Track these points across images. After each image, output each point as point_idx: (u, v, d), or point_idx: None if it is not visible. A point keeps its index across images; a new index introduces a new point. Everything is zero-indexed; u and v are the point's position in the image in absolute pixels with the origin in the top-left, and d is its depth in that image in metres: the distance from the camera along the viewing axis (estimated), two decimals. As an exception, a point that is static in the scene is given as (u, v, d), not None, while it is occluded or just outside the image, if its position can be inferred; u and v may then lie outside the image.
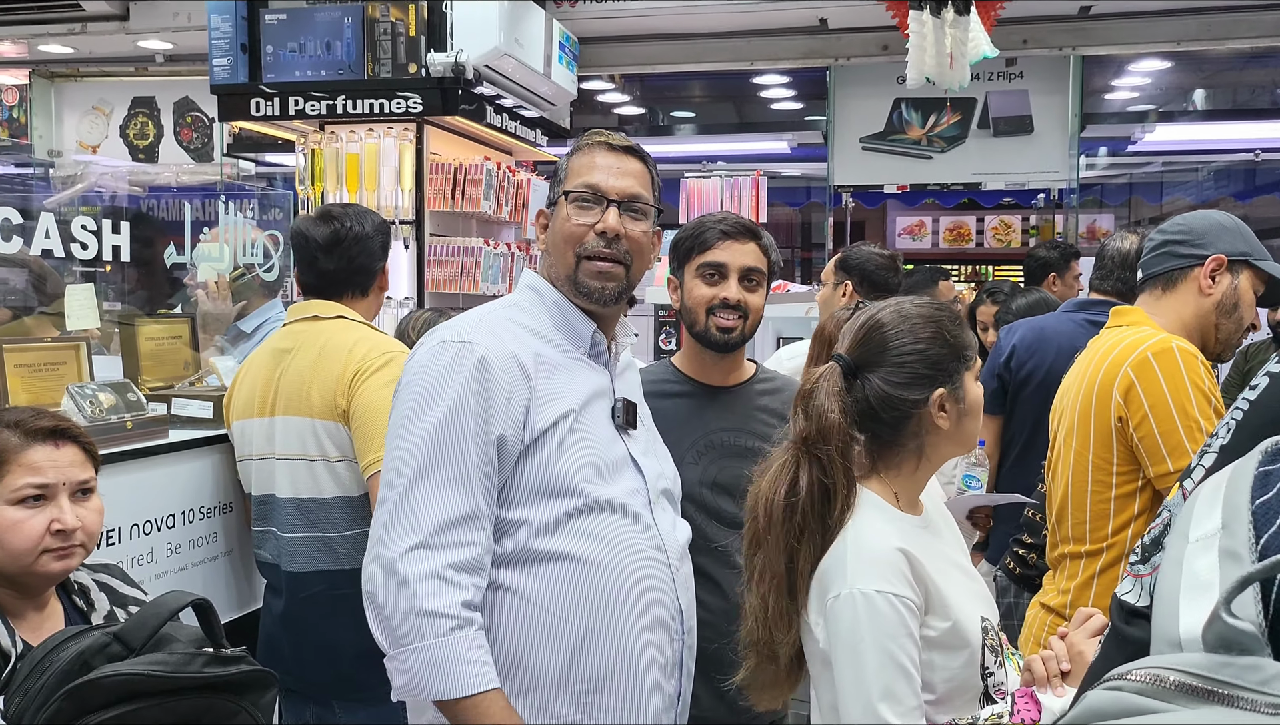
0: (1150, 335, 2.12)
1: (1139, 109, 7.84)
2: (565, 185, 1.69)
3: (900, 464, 1.52)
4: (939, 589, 1.44)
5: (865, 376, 1.49)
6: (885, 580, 1.38)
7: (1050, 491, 2.34)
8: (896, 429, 1.49)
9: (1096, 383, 2.15)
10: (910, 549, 1.42)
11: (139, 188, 4.13)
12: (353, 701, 2.36)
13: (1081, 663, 1.42)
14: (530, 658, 1.54)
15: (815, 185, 9.42)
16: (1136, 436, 2.07)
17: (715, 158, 7.42)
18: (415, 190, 4.56)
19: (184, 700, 1.56)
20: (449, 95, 4.52)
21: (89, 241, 2.36)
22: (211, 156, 7.09)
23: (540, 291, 1.70)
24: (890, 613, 1.37)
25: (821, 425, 1.44)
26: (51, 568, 1.66)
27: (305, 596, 2.35)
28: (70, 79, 7.33)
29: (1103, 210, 9.76)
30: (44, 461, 1.66)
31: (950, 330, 1.51)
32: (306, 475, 2.34)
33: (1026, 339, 3.30)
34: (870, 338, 1.50)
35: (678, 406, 2.05)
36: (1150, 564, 1.07)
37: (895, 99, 6.75)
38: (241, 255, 3.17)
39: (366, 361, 2.31)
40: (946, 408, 1.49)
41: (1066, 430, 2.24)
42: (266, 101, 4.63)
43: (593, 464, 1.59)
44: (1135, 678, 0.70)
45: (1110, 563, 2.13)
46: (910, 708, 1.36)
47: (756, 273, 2.08)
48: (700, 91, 8.65)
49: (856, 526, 1.43)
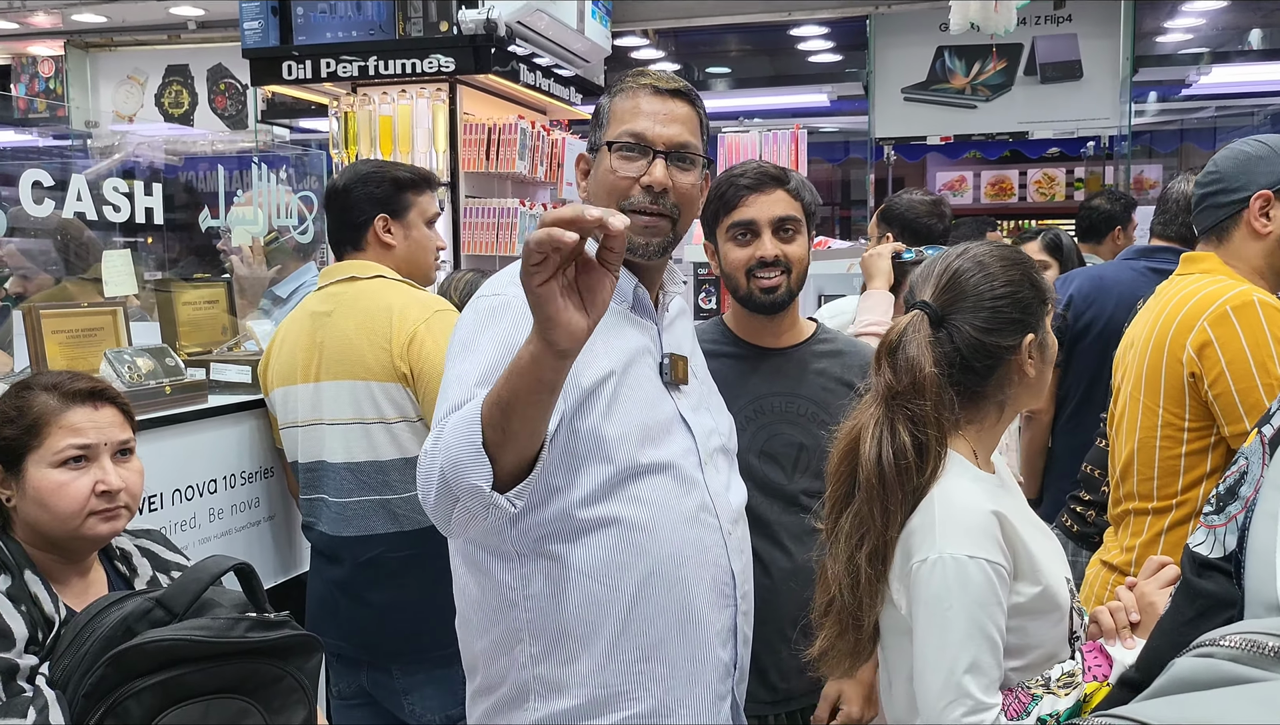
0: (1228, 286, 2.00)
1: (1192, 51, 7.57)
2: (608, 132, 1.60)
3: (983, 418, 1.45)
4: (1029, 552, 1.37)
5: (953, 324, 1.41)
6: (978, 545, 1.31)
7: (1113, 446, 2.24)
8: (985, 378, 1.42)
9: (1169, 335, 2.04)
10: (1002, 511, 1.35)
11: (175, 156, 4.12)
12: (413, 664, 2.34)
13: (1152, 613, 1.36)
14: (577, 628, 1.49)
15: (854, 140, 9.25)
16: (1212, 393, 1.96)
17: (752, 113, 7.30)
18: (449, 152, 4.51)
19: (228, 665, 1.55)
20: (481, 54, 4.45)
21: (121, 203, 2.33)
22: (246, 124, 7.09)
23: None
24: (982, 579, 1.30)
25: (916, 378, 1.37)
26: (99, 529, 1.64)
27: (365, 560, 2.33)
28: (105, 49, 7.34)
29: (1152, 159, 9.49)
30: (84, 422, 1.65)
31: (1033, 274, 1.44)
32: (362, 439, 2.31)
33: (1084, 289, 3.18)
34: (956, 283, 1.42)
35: (724, 369, 1.93)
36: (1225, 514, 1.01)
37: (938, 47, 6.58)
38: (275, 219, 3.14)
39: (419, 323, 2.26)
40: (1033, 355, 1.42)
41: (1134, 383, 2.14)
42: (298, 64, 4.59)
43: (642, 425, 1.51)
44: (1229, 643, 0.64)
45: (1179, 520, 2.04)
46: (993, 680, 1.30)
47: (791, 221, 1.94)
48: (736, 45, 8.50)
49: (944, 487, 1.36)
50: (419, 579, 2.29)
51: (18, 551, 1.60)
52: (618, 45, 6.05)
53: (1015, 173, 9.17)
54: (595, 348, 1.49)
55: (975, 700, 1.27)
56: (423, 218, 2.49)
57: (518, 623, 1.50)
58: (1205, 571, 0.99)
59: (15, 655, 1.47)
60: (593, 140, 1.64)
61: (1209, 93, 8.17)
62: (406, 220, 2.46)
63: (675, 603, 1.51)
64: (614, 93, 1.63)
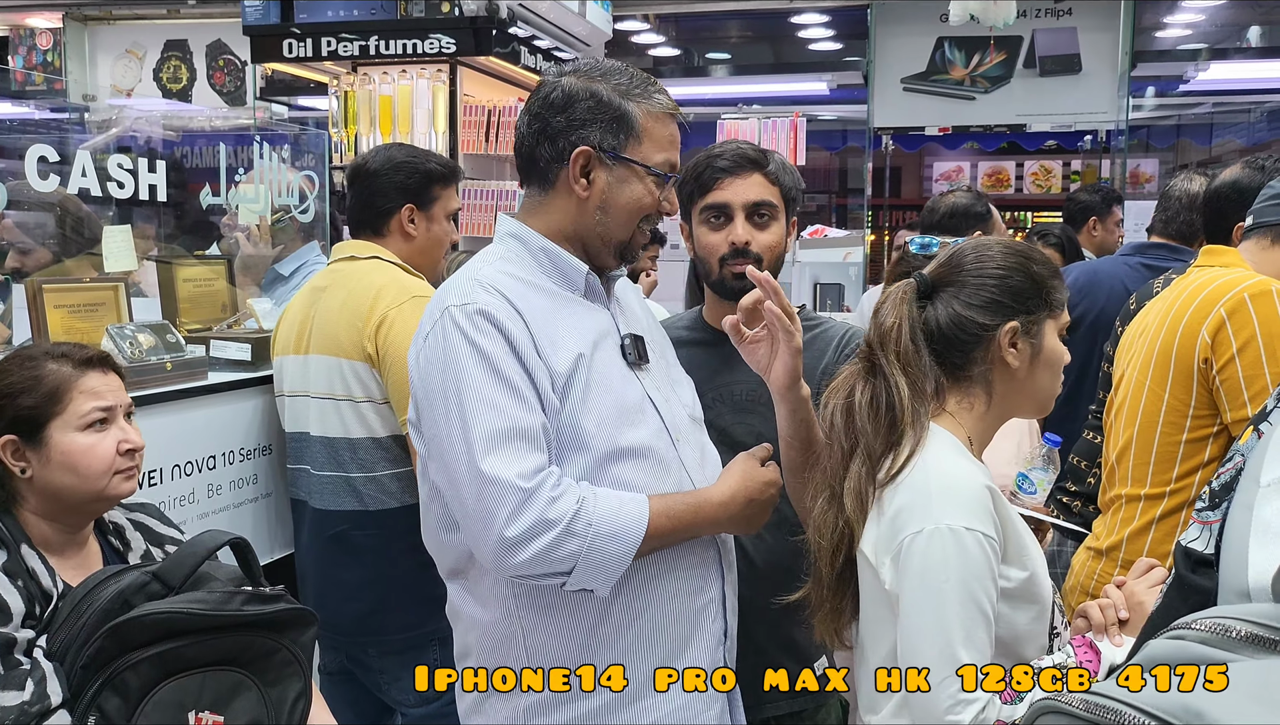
0: (1247, 275, 2.02)
1: (1191, 47, 7.58)
2: (643, 152, 1.56)
3: (971, 401, 1.46)
4: (1019, 533, 1.38)
5: (941, 295, 1.45)
6: (974, 517, 1.32)
7: (1110, 433, 2.26)
8: (964, 354, 1.44)
9: (1184, 321, 2.05)
10: (994, 487, 1.37)
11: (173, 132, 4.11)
12: (381, 646, 2.37)
13: (1140, 612, 1.38)
14: (566, 609, 1.52)
15: (852, 128, 9.25)
16: (1219, 378, 1.98)
17: (750, 100, 7.29)
18: (449, 133, 4.52)
19: (224, 638, 1.57)
20: (482, 35, 4.45)
21: (125, 180, 2.34)
22: (244, 100, 7.07)
23: (524, 238, 1.60)
24: (978, 552, 1.31)
25: (881, 331, 1.43)
26: (122, 488, 1.69)
27: (330, 535, 2.36)
28: (103, 22, 7.30)
29: (1149, 153, 9.50)
30: (100, 386, 1.69)
31: (1037, 268, 1.46)
32: (334, 415, 2.34)
33: (1079, 281, 3.21)
34: (953, 259, 1.47)
35: (689, 357, 1.88)
36: (1219, 511, 1.02)
37: (938, 38, 6.58)
38: (278, 198, 3.15)
39: (391, 307, 2.27)
40: (1018, 344, 1.43)
41: (1140, 368, 2.15)
42: (299, 43, 4.59)
43: (617, 408, 1.53)
44: (1200, 627, 0.68)
45: (1171, 509, 2.06)
46: (984, 655, 1.30)
47: (766, 206, 1.87)
48: (736, 31, 8.48)
49: (937, 460, 1.38)
50: (377, 560, 2.32)
51: (14, 527, 1.61)
52: (618, 29, 6.04)
53: (1012, 164, 9.18)
54: (560, 331, 1.51)
55: (969, 675, 1.27)
56: (445, 212, 2.50)
57: (510, 607, 1.52)
58: (1199, 568, 0.99)
59: (12, 629, 1.49)
60: (608, 143, 1.55)
61: (1207, 89, 8.19)
62: (431, 213, 2.47)
63: (661, 580, 1.54)
64: (627, 96, 1.57)
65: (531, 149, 1.58)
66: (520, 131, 1.60)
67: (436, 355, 1.48)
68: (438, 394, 1.47)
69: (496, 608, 1.54)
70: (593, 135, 1.54)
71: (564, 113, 1.54)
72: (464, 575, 1.59)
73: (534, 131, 1.57)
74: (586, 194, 1.56)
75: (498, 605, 1.54)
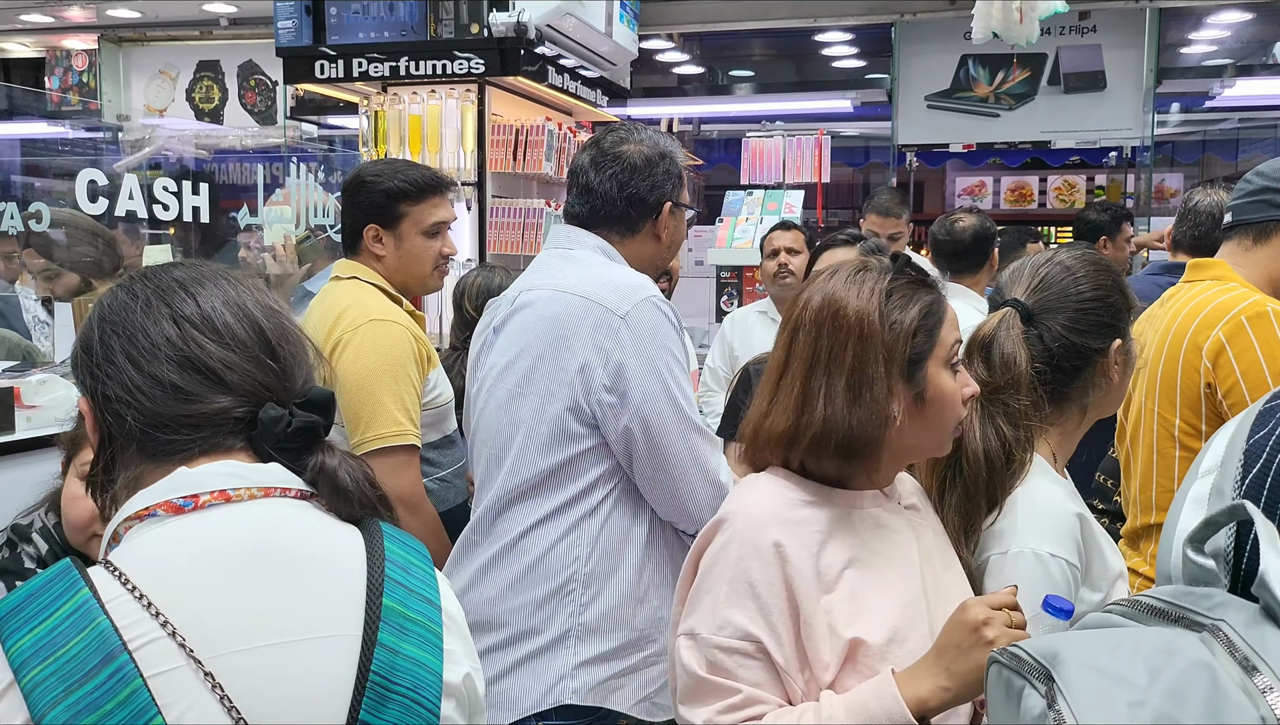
0: (1241, 296, 2.01)
1: (1216, 63, 7.57)
2: (684, 196, 1.92)
3: (1065, 421, 1.47)
4: (1104, 557, 1.40)
5: (1043, 323, 1.43)
6: (1060, 544, 1.34)
7: (1128, 459, 2.25)
8: (1071, 380, 1.44)
9: (1183, 344, 2.05)
10: (1084, 513, 1.38)
11: (205, 151, 4.19)
12: None
13: None
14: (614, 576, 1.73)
15: (875, 145, 9.27)
16: (1226, 403, 1.98)
17: (774, 117, 7.33)
18: (477, 152, 4.58)
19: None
20: (510, 56, 4.51)
21: (170, 202, 2.41)
22: (275, 120, 7.18)
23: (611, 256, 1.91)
24: (1060, 578, 1.32)
25: (1013, 374, 1.38)
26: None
27: None
28: (137, 43, 7.44)
29: (1173, 169, 9.46)
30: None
31: (1121, 281, 1.47)
32: None
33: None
34: (1048, 282, 1.45)
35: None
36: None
37: (962, 55, 6.60)
38: (312, 217, 3.21)
39: (347, 331, 2.25)
40: (1119, 360, 1.45)
41: (1146, 392, 2.15)
42: (331, 64, 4.66)
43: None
44: (1124, 603, 0.81)
45: None
46: None
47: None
48: (761, 49, 8.53)
49: (1027, 488, 1.38)
50: None
51: (60, 543, 1.66)
52: (643, 48, 6.10)
53: (1035, 179, 9.16)
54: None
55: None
56: (417, 228, 2.40)
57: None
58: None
59: None
60: (677, 195, 1.91)
61: (1232, 105, 8.16)
62: (398, 231, 2.38)
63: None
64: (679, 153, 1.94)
65: (617, 203, 1.88)
66: (599, 190, 1.88)
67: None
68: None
69: None
70: (672, 191, 1.90)
71: (648, 175, 1.87)
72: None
73: (618, 186, 1.87)
74: (667, 238, 1.92)
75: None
